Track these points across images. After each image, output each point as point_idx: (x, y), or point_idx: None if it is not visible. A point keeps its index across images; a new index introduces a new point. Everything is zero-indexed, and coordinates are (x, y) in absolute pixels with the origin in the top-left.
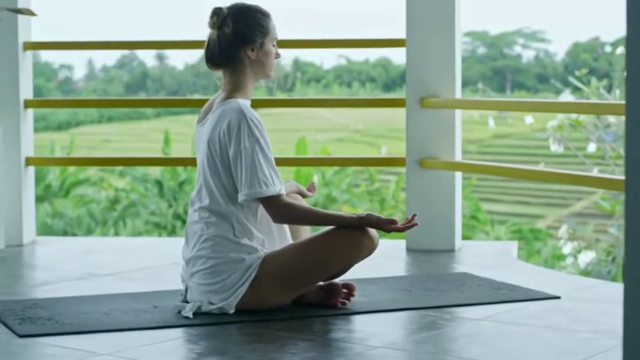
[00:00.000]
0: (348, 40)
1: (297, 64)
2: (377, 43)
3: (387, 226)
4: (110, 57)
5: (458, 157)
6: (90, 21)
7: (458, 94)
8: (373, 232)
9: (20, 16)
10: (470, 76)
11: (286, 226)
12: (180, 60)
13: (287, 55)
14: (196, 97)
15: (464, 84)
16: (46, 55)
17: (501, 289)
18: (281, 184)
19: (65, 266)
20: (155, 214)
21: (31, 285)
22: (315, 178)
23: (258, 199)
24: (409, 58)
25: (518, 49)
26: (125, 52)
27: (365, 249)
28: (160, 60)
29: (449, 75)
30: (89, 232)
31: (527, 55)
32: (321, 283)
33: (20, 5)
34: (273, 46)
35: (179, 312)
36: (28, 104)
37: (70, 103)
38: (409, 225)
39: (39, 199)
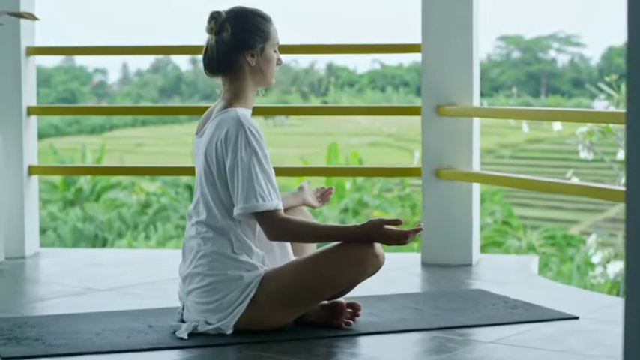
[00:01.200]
0: (359, 45)
1: (330, 68)
2: (390, 48)
3: (392, 232)
4: (144, 61)
5: (476, 167)
6: (101, 26)
7: (476, 101)
8: (379, 248)
9: (23, 21)
10: (504, 80)
11: (288, 244)
12: None
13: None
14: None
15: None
16: (80, 60)
17: (517, 308)
18: (278, 199)
19: (65, 280)
20: (185, 219)
21: (25, 301)
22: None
23: (253, 213)
24: (424, 64)
25: (552, 53)
26: (159, 56)
27: (370, 266)
28: (194, 64)
29: (466, 82)
30: (120, 236)
31: (562, 59)
32: (325, 301)
33: (23, 9)
34: (275, 51)
35: (174, 332)
36: (31, 111)
37: (75, 110)
38: (415, 230)
39: (70, 204)
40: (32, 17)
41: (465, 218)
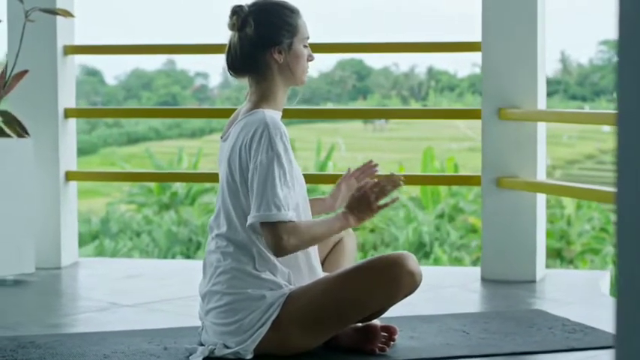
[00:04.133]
0: (416, 43)
1: (431, 72)
2: (448, 46)
3: (366, 191)
4: None
5: (541, 176)
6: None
7: (541, 104)
8: (414, 266)
9: (60, 19)
10: (606, 85)
11: (317, 260)
12: (315, 68)
13: (419, 64)
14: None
15: (600, 93)
16: (181, 63)
17: (575, 333)
18: (293, 210)
19: (92, 294)
20: None
21: (42, 317)
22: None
23: (265, 223)
24: (485, 64)
25: None
26: None
27: (404, 286)
28: None
29: (530, 83)
30: None
31: None
32: (359, 324)
33: (60, 6)
34: (305, 46)
35: (189, 356)
36: (68, 113)
37: (113, 112)
38: (390, 180)
39: (165, 207)
40: (67, 14)
41: (528, 231)
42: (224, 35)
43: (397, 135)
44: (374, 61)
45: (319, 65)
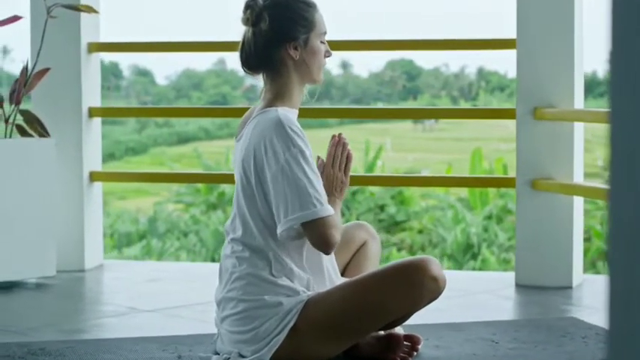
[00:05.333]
0: (449, 40)
1: (481, 73)
2: (482, 44)
3: (340, 174)
4: None
5: (578, 178)
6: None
7: (579, 103)
8: (437, 270)
9: (85, 16)
10: None
11: (335, 264)
12: (365, 68)
13: (469, 64)
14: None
15: None
16: (232, 63)
17: None
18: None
19: (112, 298)
20: None
21: (58, 322)
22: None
23: (308, 222)
24: (520, 62)
25: None
26: None
27: (427, 292)
28: (344, 68)
29: (567, 81)
30: None
31: None
32: (381, 332)
33: (84, 3)
34: (322, 42)
35: None
36: (92, 113)
37: (137, 111)
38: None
39: (212, 207)
40: (91, 10)
41: (564, 235)
42: None
43: (447, 135)
44: (424, 61)
45: (369, 65)
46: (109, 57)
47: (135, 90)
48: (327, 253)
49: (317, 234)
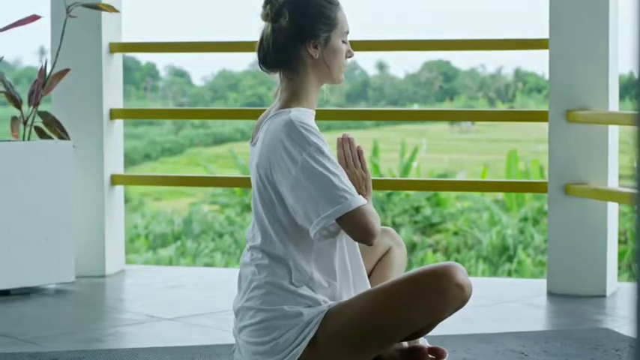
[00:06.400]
0: (478, 40)
1: (518, 74)
2: (513, 44)
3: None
4: None
5: (612, 183)
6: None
7: (613, 106)
8: (463, 277)
9: (106, 15)
10: None
11: (363, 269)
12: (401, 69)
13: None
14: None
15: None
16: None
17: None
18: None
19: (131, 305)
20: None
21: (73, 330)
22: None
23: (343, 217)
24: (552, 63)
25: None
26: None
27: (452, 300)
28: (380, 69)
29: (601, 83)
30: None
31: None
32: (404, 343)
33: (105, 2)
34: (343, 42)
35: None
36: (114, 114)
37: (159, 113)
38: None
39: (247, 208)
40: (112, 10)
41: (598, 242)
42: None
43: (483, 136)
44: (461, 62)
45: (406, 67)
46: (146, 57)
47: (172, 91)
48: (370, 243)
49: (354, 225)
